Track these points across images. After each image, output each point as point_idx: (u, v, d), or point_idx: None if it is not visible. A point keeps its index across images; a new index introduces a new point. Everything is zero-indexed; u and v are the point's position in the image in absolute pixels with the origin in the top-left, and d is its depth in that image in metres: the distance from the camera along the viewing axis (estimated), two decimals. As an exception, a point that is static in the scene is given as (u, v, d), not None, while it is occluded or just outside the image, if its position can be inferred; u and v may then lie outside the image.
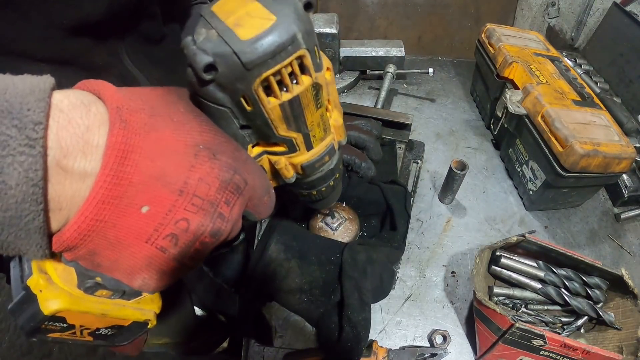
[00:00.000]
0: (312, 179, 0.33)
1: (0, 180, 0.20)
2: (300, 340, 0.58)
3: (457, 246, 0.73)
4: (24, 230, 0.22)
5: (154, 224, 0.25)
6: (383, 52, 1.03)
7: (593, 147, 0.65)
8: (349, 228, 0.63)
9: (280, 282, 0.54)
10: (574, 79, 0.83)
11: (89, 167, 0.23)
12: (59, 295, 0.27)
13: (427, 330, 0.61)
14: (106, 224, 0.24)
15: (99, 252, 0.25)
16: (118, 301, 0.30)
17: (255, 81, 0.23)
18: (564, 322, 0.61)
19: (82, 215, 0.23)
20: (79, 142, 0.23)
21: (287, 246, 0.56)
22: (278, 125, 0.27)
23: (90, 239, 0.24)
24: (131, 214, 0.24)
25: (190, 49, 0.23)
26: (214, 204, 0.26)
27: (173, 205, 0.25)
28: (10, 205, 0.21)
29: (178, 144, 0.26)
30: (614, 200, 0.82)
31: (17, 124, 0.20)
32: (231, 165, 0.27)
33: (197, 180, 0.26)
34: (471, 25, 1.36)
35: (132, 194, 0.24)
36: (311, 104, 0.27)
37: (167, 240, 0.25)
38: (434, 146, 0.92)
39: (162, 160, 0.25)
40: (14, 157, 0.20)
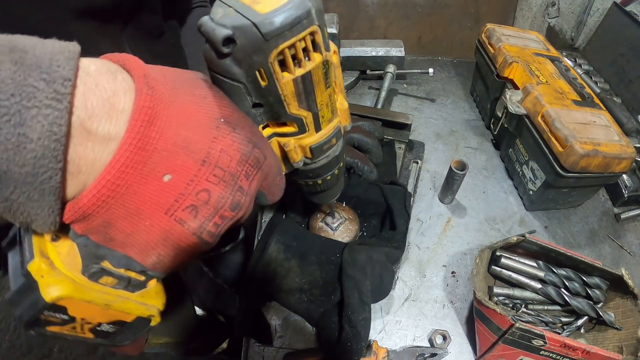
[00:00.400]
0: (319, 165, 0.33)
1: (21, 133, 0.19)
2: (300, 340, 0.58)
3: (457, 246, 0.73)
4: (38, 190, 0.21)
5: (175, 194, 0.24)
6: (383, 52, 1.03)
7: (593, 147, 0.65)
8: (349, 228, 0.63)
9: (280, 282, 0.54)
10: (574, 79, 0.83)
11: (113, 131, 0.23)
12: (62, 281, 0.26)
13: (427, 330, 0.61)
14: (127, 190, 0.23)
15: (114, 223, 0.24)
16: (122, 292, 0.29)
17: (272, 53, 0.24)
18: (564, 322, 0.61)
19: (103, 178, 0.22)
20: (104, 105, 0.22)
21: (287, 246, 0.56)
22: (290, 102, 0.27)
23: (108, 206, 0.23)
24: (153, 182, 0.24)
25: (209, 25, 0.24)
26: (234, 176, 0.26)
27: (195, 175, 0.25)
28: (27, 160, 0.20)
29: (200, 115, 0.25)
30: (614, 200, 0.82)
31: (46, 78, 0.20)
32: (251, 139, 0.27)
33: (219, 151, 0.25)
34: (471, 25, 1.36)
35: (155, 160, 0.23)
36: (321, 82, 0.28)
37: (187, 212, 0.25)
38: (434, 146, 0.92)
39: (185, 130, 0.24)
40: (39, 109, 0.19)
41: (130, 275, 0.28)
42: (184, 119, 0.25)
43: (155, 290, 0.32)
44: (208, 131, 0.25)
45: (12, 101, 0.19)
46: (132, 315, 0.30)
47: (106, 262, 0.27)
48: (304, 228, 0.64)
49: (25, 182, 0.20)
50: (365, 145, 0.67)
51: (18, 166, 0.20)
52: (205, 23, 0.25)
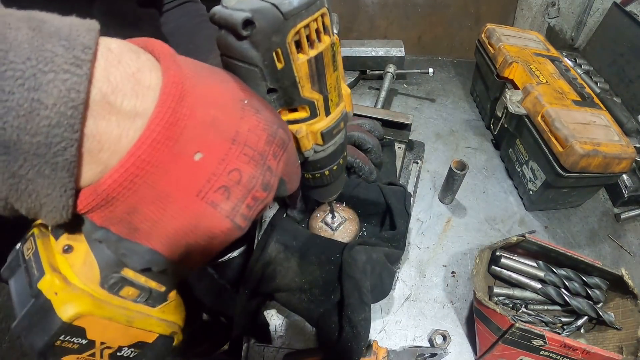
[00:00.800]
0: (327, 153, 0.34)
1: (35, 98, 0.18)
2: (300, 340, 0.58)
3: (457, 246, 0.73)
4: (50, 164, 0.19)
5: (207, 174, 0.23)
6: (383, 52, 1.03)
7: (593, 147, 0.65)
8: (349, 228, 0.63)
9: (280, 282, 0.54)
10: (574, 79, 0.83)
11: (140, 107, 0.21)
12: (79, 297, 0.23)
13: (427, 330, 0.61)
14: (157, 169, 0.21)
15: (141, 208, 0.22)
16: (142, 307, 0.27)
17: (291, 32, 0.25)
18: (564, 322, 0.61)
19: (133, 154, 0.21)
20: (129, 80, 0.21)
21: (287, 246, 0.56)
22: (304, 84, 0.28)
23: (136, 187, 0.21)
24: (184, 161, 0.22)
25: (224, 11, 0.25)
26: (263, 156, 0.25)
27: (226, 154, 0.24)
28: (40, 128, 0.18)
29: (225, 96, 0.25)
30: (614, 200, 0.82)
31: (65, 44, 0.19)
32: (275, 120, 0.27)
33: (247, 130, 0.25)
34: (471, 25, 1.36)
35: (187, 138, 0.22)
36: (330, 64, 0.29)
37: (219, 193, 0.23)
38: (434, 146, 0.92)
39: (214, 109, 0.24)
40: (56, 74, 0.18)
41: (151, 285, 0.27)
42: (211, 99, 0.24)
43: (175, 305, 0.30)
44: (234, 111, 0.25)
45: (28, 65, 0.18)
46: (154, 335, 0.28)
47: (127, 271, 0.25)
48: (304, 228, 0.64)
49: (37, 154, 0.18)
50: (365, 144, 0.67)
51: (30, 135, 0.18)
52: (219, 11, 0.25)
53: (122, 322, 0.25)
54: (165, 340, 0.29)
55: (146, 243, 0.23)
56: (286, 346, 0.57)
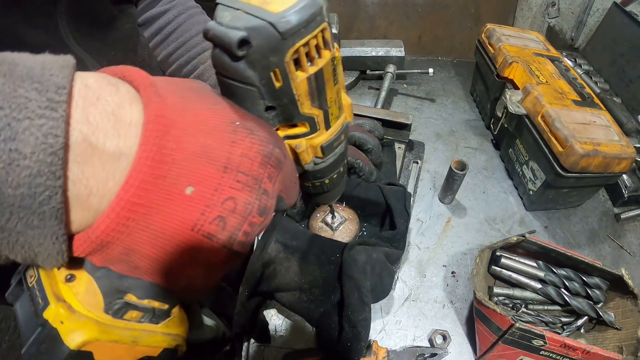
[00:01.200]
0: (327, 164, 0.33)
1: (12, 148, 0.17)
2: (300, 340, 0.58)
3: (457, 246, 0.73)
4: (37, 214, 0.18)
5: (200, 207, 0.22)
6: (383, 52, 1.03)
7: (593, 147, 0.65)
8: (349, 228, 0.64)
9: (280, 281, 0.54)
10: (574, 79, 0.83)
11: (124, 146, 0.21)
12: (85, 324, 0.23)
13: (427, 330, 0.61)
14: (149, 210, 0.21)
15: (138, 248, 0.22)
16: (147, 326, 0.27)
17: (289, 52, 0.24)
18: (564, 322, 0.61)
19: (121, 199, 0.20)
20: (109, 119, 0.20)
21: (287, 245, 0.56)
22: (303, 102, 0.27)
23: (129, 230, 0.21)
24: (175, 197, 0.22)
25: (219, 29, 0.23)
26: (258, 180, 0.24)
27: (218, 184, 0.23)
28: (22, 179, 0.17)
29: (215, 120, 0.24)
30: (614, 200, 0.82)
31: (38, 87, 0.18)
32: (270, 139, 0.26)
33: (239, 155, 0.24)
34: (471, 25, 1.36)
35: (176, 173, 0.21)
36: (330, 79, 0.28)
37: (215, 224, 0.23)
38: (434, 146, 0.92)
39: (203, 137, 0.23)
40: (31, 120, 0.17)
41: (154, 305, 0.27)
42: (200, 126, 0.23)
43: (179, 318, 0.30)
44: (225, 136, 0.24)
45: (1, 114, 0.17)
46: (159, 349, 0.28)
47: (130, 295, 0.25)
48: (304, 228, 0.64)
49: (22, 206, 0.18)
50: (365, 144, 0.66)
51: (12, 188, 0.17)
52: (213, 28, 0.24)
53: (128, 342, 0.25)
54: (169, 352, 0.29)
55: (148, 278, 0.24)
56: (286, 346, 0.57)
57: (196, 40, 0.62)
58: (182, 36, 0.63)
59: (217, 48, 0.25)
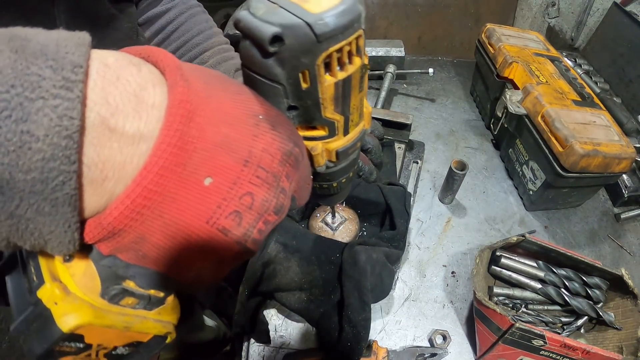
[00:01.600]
0: (338, 168, 0.33)
1: (24, 130, 0.16)
2: (300, 340, 0.58)
3: (457, 246, 0.73)
4: (49, 200, 0.17)
5: (217, 199, 0.21)
6: (383, 52, 1.03)
7: (593, 147, 0.65)
8: (349, 228, 0.64)
9: (280, 281, 0.54)
10: (574, 79, 0.83)
11: (144, 129, 0.19)
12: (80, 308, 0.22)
13: (427, 330, 0.61)
14: (165, 198, 0.20)
15: (149, 237, 0.21)
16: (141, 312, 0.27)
17: (322, 55, 0.23)
18: (564, 322, 0.61)
19: (138, 184, 0.19)
20: (130, 100, 0.19)
21: (287, 245, 0.56)
22: (327, 106, 0.26)
23: (143, 218, 0.20)
24: (193, 187, 0.21)
25: (251, 21, 0.23)
26: (277, 178, 0.24)
27: (238, 177, 0.22)
28: (34, 163, 0.16)
29: (238, 111, 0.23)
30: (614, 200, 0.82)
31: (53, 65, 0.17)
32: (291, 137, 0.25)
33: (260, 150, 0.23)
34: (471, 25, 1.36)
35: (196, 162, 0.21)
36: (357, 86, 0.27)
37: (230, 219, 0.22)
38: (434, 146, 0.92)
39: (225, 127, 0.22)
40: (45, 100, 0.16)
41: (151, 293, 0.26)
42: (223, 116, 0.22)
43: (172, 306, 0.30)
44: (248, 129, 0.23)
45: (13, 93, 0.16)
46: (149, 335, 0.28)
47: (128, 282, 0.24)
48: (304, 228, 0.64)
49: (33, 192, 0.17)
50: (365, 144, 0.66)
51: (23, 172, 0.16)
52: (245, 18, 0.23)
53: (121, 328, 0.25)
54: (159, 339, 0.29)
55: (154, 268, 0.23)
56: (286, 346, 0.57)
57: (198, 39, 0.62)
58: (184, 36, 0.62)
59: (247, 40, 0.24)
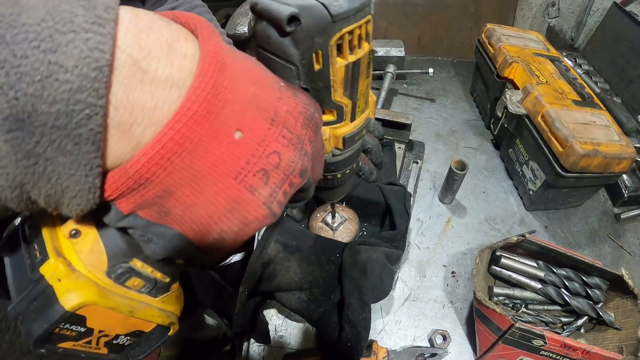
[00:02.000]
0: (344, 157, 0.34)
1: (52, 61, 0.15)
2: (300, 340, 0.58)
3: (457, 246, 0.73)
4: (72, 136, 0.16)
5: (246, 155, 0.21)
6: (383, 52, 1.03)
7: (593, 147, 0.65)
8: (349, 228, 0.64)
9: (280, 281, 0.54)
10: (574, 79, 0.83)
11: (177, 76, 0.19)
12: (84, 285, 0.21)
13: (427, 330, 0.61)
14: (197, 147, 0.19)
15: (175, 191, 0.20)
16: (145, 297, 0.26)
17: (335, 35, 0.24)
18: (564, 322, 0.61)
19: (171, 129, 0.18)
20: (162, 48, 0.19)
21: (287, 245, 0.56)
22: (337, 89, 0.28)
23: (173, 166, 0.19)
24: (224, 139, 0.20)
25: (268, 2, 0.24)
26: (301, 140, 0.23)
27: (266, 135, 0.22)
28: (59, 94, 0.16)
29: (263, 75, 0.24)
30: (614, 200, 0.82)
31: (85, 5, 0.16)
32: (311, 103, 0.26)
33: (285, 112, 0.23)
34: (471, 25, 1.36)
35: (227, 113, 0.20)
36: (365, 71, 0.28)
37: (258, 177, 0.21)
38: (434, 146, 0.92)
39: (252, 85, 0.22)
40: (76, 33, 0.16)
41: (157, 276, 0.26)
42: (250, 74, 0.22)
43: (176, 295, 0.29)
44: (273, 91, 0.23)
45: (43, 26, 0.15)
46: (152, 324, 0.28)
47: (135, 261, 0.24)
48: (304, 228, 0.64)
49: (56, 126, 0.16)
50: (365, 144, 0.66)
51: (47, 103, 0.15)
52: (262, 0, 0.24)
53: (125, 312, 0.24)
54: (162, 330, 0.29)
55: (176, 227, 0.21)
56: (286, 346, 0.57)
57: None
58: None
59: (263, 21, 0.25)
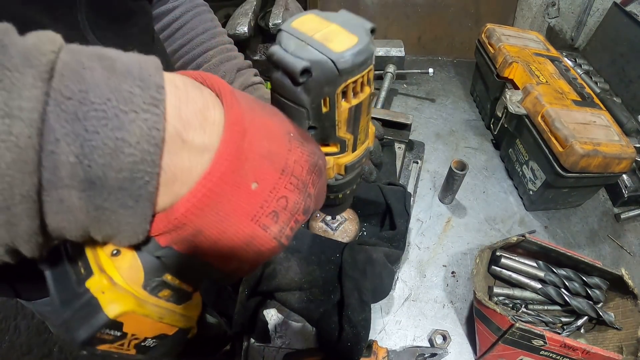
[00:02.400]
0: (345, 181, 0.38)
1: (119, 137, 0.19)
2: (300, 340, 0.58)
3: (457, 246, 0.73)
4: (134, 196, 0.21)
5: (260, 201, 0.26)
6: (383, 52, 1.03)
7: (593, 147, 0.65)
8: (349, 228, 0.64)
9: (279, 281, 0.54)
10: (574, 79, 0.83)
11: (207, 142, 0.23)
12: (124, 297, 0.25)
13: (427, 330, 0.61)
14: (222, 198, 0.24)
15: (205, 230, 0.25)
16: (171, 306, 0.29)
17: (341, 85, 0.28)
18: (564, 322, 0.61)
19: (203, 186, 0.23)
20: (197, 117, 0.23)
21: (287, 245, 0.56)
22: (341, 127, 0.32)
23: (204, 213, 0.24)
24: (243, 190, 0.25)
25: (284, 55, 0.28)
26: (305, 185, 0.28)
27: (276, 183, 0.26)
28: (125, 165, 0.20)
29: (276, 129, 0.28)
30: (614, 200, 0.82)
31: (140, 85, 0.20)
32: (316, 151, 0.30)
33: (293, 162, 0.28)
34: (471, 25, 1.36)
35: (246, 170, 0.25)
36: (366, 110, 0.33)
37: (270, 217, 0.26)
38: (434, 146, 0.92)
39: (267, 142, 0.26)
40: (137, 114, 0.20)
41: (183, 287, 0.29)
42: (265, 132, 0.27)
43: (196, 302, 0.33)
44: (284, 144, 0.28)
45: (109, 105, 0.19)
46: (175, 328, 0.31)
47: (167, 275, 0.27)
48: (304, 228, 0.64)
49: (122, 188, 0.20)
50: None
51: (115, 171, 0.20)
52: (278, 52, 0.28)
53: (155, 318, 0.28)
54: (183, 333, 0.32)
55: (204, 259, 0.26)
56: (286, 346, 0.57)
57: (201, 39, 0.63)
58: (188, 34, 0.64)
59: (279, 71, 0.29)
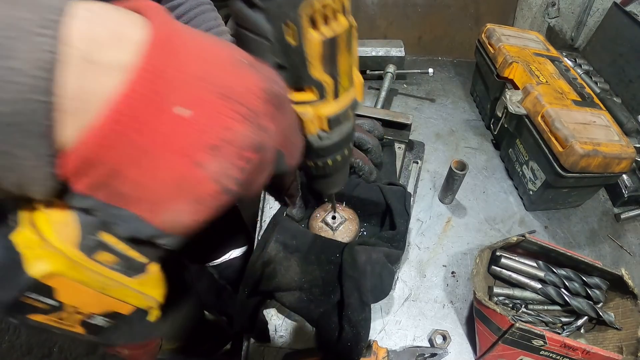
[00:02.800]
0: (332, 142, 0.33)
1: (4, 66, 0.17)
2: (300, 340, 0.58)
3: (457, 246, 0.73)
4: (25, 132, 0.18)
5: (194, 131, 0.21)
6: (383, 52, 1.03)
7: (593, 147, 0.65)
8: (349, 228, 0.63)
9: (279, 281, 0.54)
10: (574, 79, 0.83)
11: (124, 59, 0.20)
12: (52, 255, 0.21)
13: (427, 330, 0.61)
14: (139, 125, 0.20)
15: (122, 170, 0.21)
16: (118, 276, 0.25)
17: (307, 7, 0.24)
18: (564, 322, 0.61)
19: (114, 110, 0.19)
20: (112, 36, 0.20)
21: (287, 245, 0.56)
22: (315, 64, 0.27)
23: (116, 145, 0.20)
24: (169, 117, 0.21)
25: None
26: (257, 114, 0.23)
27: (217, 110, 0.22)
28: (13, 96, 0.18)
29: (220, 52, 0.24)
30: (614, 200, 0.82)
31: (32, 9, 0.18)
32: (273, 78, 0.25)
33: (240, 87, 0.23)
34: (471, 25, 1.36)
35: (172, 91, 0.21)
36: (345, 48, 0.28)
37: (207, 152, 0.22)
38: (434, 146, 0.92)
39: (206, 64, 0.22)
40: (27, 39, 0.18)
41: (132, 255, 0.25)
42: (205, 54, 0.23)
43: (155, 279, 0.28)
44: (229, 67, 0.23)
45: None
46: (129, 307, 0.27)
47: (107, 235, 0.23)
48: (304, 228, 0.64)
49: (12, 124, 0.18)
50: (365, 144, 0.66)
51: (3, 105, 0.17)
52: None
53: (95, 287, 0.24)
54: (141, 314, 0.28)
55: (131, 209, 0.22)
56: (286, 346, 0.57)
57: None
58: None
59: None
